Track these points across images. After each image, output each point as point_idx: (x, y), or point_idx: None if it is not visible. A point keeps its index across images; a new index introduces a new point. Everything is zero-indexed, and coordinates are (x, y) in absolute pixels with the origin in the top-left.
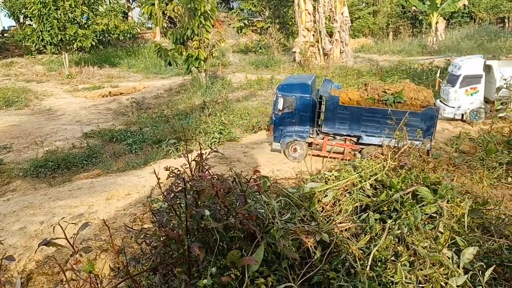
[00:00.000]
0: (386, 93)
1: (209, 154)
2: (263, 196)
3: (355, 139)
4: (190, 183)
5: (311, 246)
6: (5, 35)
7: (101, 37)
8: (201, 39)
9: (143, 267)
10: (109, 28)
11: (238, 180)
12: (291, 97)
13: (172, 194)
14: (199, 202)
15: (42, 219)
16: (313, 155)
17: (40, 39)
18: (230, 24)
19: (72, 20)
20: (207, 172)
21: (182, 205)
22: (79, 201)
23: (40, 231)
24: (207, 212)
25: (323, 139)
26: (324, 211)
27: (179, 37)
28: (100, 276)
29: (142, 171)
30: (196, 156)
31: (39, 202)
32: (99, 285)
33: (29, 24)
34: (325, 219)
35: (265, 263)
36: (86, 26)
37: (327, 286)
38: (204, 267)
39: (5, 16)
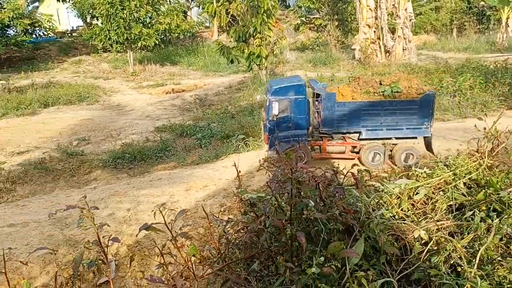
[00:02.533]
0: (382, 84)
1: (300, 148)
2: (359, 190)
3: (355, 136)
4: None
5: (408, 243)
6: (73, 34)
7: (162, 36)
8: (263, 36)
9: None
10: (171, 27)
11: (336, 173)
12: (286, 100)
13: (275, 184)
14: (301, 193)
15: (128, 206)
16: (314, 158)
17: (107, 38)
18: (287, 22)
19: (137, 20)
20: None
21: (280, 195)
22: (160, 191)
23: (128, 218)
24: (311, 203)
25: (322, 140)
26: (415, 208)
27: (242, 34)
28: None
29: (215, 165)
30: (286, 149)
31: (124, 190)
32: (194, 270)
33: (96, 24)
34: (417, 217)
35: (363, 257)
36: (149, 25)
37: (428, 284)
38: (306, 257)
39: (74, 16)
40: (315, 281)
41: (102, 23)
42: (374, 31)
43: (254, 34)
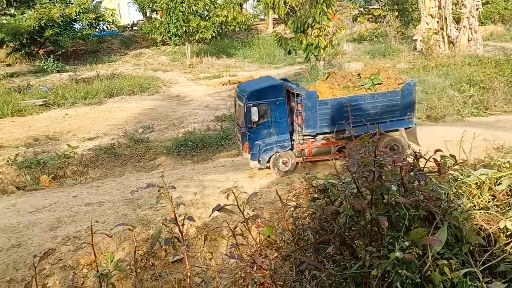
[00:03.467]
0: (361, 77)
1: (378, 133)
2: (441, 177)
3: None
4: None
5: (493, 234)
6: (134, 28)
7: (219, 29)
8: (321, 26)
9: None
10: (228, 20)
11: (418, 158)
12: (264, 104)
13: (355, 167)
14: (383, 177)
15: (194, 190)
16: (300, 162)
17: (166, 31)
18: (344, 13)
19: (195, 13)
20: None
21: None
22: (225, 177)
23: (195, 201)
24: (393, 187)
25: (305, 143)
26: (496, 199)
27: (300, 25)
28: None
29: None
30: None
31: (190, 175)
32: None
33: (156, 18)
34: (500, 208)
35: (445, 246)
36: (207, 18)
37: None
38: (386, 242)
39: (135, 10)
40: (395, 267)
41: (162, 17)
42: (437, 21)
43: (313, 25)
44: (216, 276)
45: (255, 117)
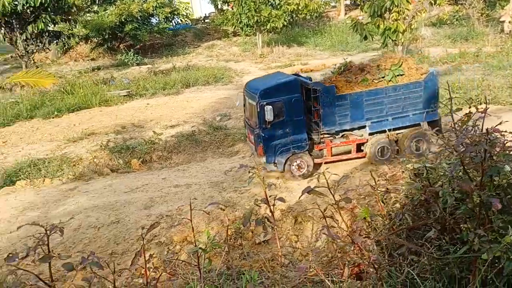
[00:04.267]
0: (380, 69)
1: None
2: None
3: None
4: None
5: None
6: (206, 20)
7: (290, 18)
8: (400, 10)
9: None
10: (299, 8)
11: None
12: (279, 101)
13: (463, 147)
14: (494, 157)
15: (277, 175)
16: (317, 163)
17: (238, 22)
18: None
19: (266, 2)
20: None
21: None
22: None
23: (278, 185)
24: (507, 168)
25: (324, 142)
26: None
27: (377, 9)
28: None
29: None
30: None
31: None
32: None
33: (228, 9)
34: None
35: None
36: (278, 7)
37: None
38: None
39: (208, 3)
40: (507, 252)
41: (234, 8)
42: None
43: (391, 8)
44: (303, 259)
45: (269, 116)
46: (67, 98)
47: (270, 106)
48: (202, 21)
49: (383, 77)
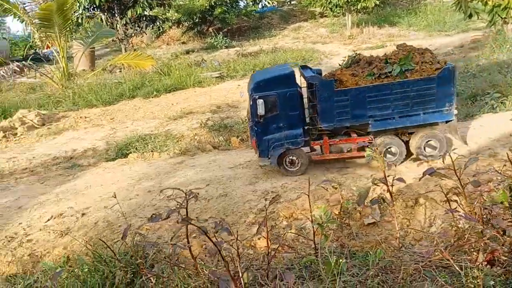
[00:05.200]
0: (389, 63)
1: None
2: None
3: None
4: None
5: None
6: (292, 2)
7: None
8: None
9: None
10: None
11: None
12: (273, 95)
13: None
14: None
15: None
16: (315, 160)
17: (327, 2)
18: None
19: None
20: None
21: None
22: None
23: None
24: None
25: (322, 139)
26: None
27: None
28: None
29: (470, 123)
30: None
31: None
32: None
33: None
34: None
35: None
36: None
37: None
38: None
39: None
40: None
41: None
42: None
43: None
44: (416, 243)
45: (261, 110)
46: (164, 79)
47: (262, 100)
48: (289, 3)
49: (389, 72)
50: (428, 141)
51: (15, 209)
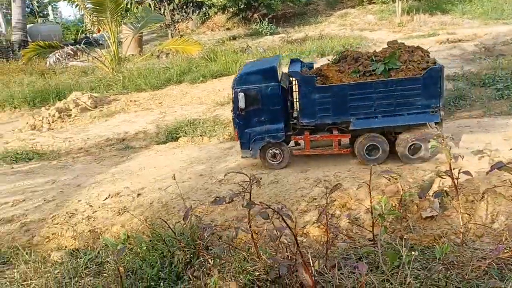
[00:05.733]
0: (374, 60)
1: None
2: None
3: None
4: None
5: None
6: None
7: None
8: None
9: None
10: None
11: None
12: (254, 89)
13: None
14: None
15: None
16: (295, 154)
17: None
18: None
19: None
20: None
21: None
22: (474, 137)
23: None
24: None
25: (303, 134)
26: None
27: None
28: None
29: None
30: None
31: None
32: None
33: None
34: None
35: None
36: None
37: None
38: None
39: None
40: None
41: None
42: None
43: None
44: (477, 239)
45: (241, 103)
46: (210, 65)
47: (242, 93)
48: None
49: (373, 71)
50: (413, 142)
51: (74, 187)
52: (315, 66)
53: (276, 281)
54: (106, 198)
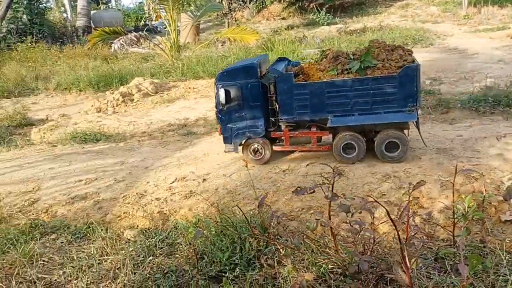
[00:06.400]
0: (352, 59)
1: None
2: None
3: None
4: None
5: None
6: None
7: None
8: None
9: None
10: None
11: None
12: (235, 85)
13: None
14: None
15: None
16: (275, 150)
17: None
18: None
19: None
20: None
21: None
22: None
23: None
24: None
25: (282, 130)
26: None
27: None
28: None
29: None
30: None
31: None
32: None
33: None
34: None
35: None
36: None
37: None
38: None
39: None
40: None
41: None
42: None
43: None
44: None
45: (222, 99)
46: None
47: (223, 89)
48: None
49: (349, 69)
50: (390, 141)
51: (142, 169)
52: None
53: (354, 276)
54: (173, 182)
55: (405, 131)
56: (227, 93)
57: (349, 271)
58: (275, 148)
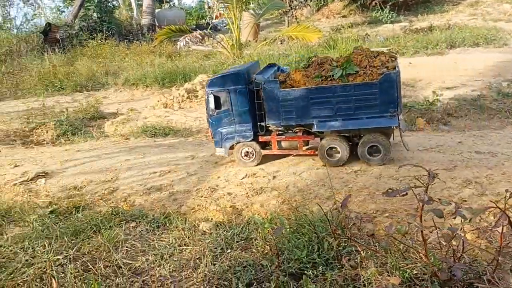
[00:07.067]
0: (335, 66)
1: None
2: None
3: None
4: None
5: None
6: None
7: None
8: None
9: None
10: None
11: None
12: (224, 91)
13: None
14: None
15: None
16: (264, 154)
17: None
18: None
19: None
20: None
21: None
22: None
23: None
24: None
25: (270, 135)
26: None
27: None
28: None
29: None
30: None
31: None
32: None
33: None
34: None
35: None
36: None
37: None
38: None
39: None
40: None
41: None
42: None
43: None
44: None
45: (212, 105)
46: (329, 53)
47: (213, 95)
48: None
49: (332, 76)
50: (372, 145)
51: (213, 164)
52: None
53: (444, 283)
54: (243, 178)
55: (392, 135)
56: (216, 99)
57: (441, 278)
58: (264, 152)
